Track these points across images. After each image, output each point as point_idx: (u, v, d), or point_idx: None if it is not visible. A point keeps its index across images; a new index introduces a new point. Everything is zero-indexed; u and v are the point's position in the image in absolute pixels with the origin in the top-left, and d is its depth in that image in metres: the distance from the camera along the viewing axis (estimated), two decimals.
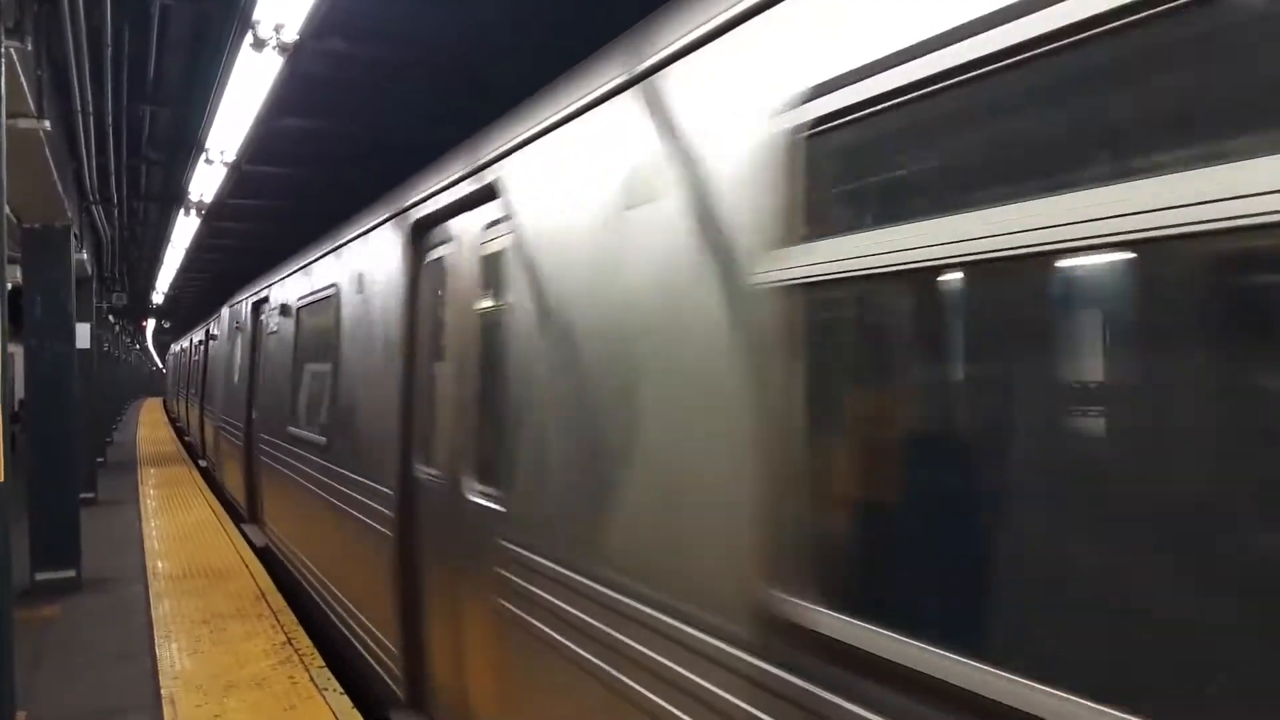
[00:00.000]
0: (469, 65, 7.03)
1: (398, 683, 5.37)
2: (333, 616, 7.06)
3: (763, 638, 2.28)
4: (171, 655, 6.81)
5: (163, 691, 6.06)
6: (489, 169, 4.29)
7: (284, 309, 9.61)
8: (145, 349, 64.07)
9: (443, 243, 5.07)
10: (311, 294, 8.24)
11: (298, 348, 8.84)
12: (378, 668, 5.80)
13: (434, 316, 5.23)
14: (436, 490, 4.93)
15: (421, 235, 5.35)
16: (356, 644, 6.33)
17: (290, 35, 4.98)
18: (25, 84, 5.38)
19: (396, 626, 5.37)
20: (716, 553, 2.48)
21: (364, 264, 6.48)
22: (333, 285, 7.37)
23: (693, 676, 2.55)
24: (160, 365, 66.40)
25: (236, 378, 13.08)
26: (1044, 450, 1.88)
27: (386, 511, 5.50)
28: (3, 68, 4.22)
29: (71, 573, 9.04)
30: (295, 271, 9.27)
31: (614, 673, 2.99)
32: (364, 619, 6.15)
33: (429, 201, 5.14)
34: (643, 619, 2.81)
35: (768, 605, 2.25)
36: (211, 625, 7.55)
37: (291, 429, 8.63)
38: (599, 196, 3.24)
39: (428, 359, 5.25)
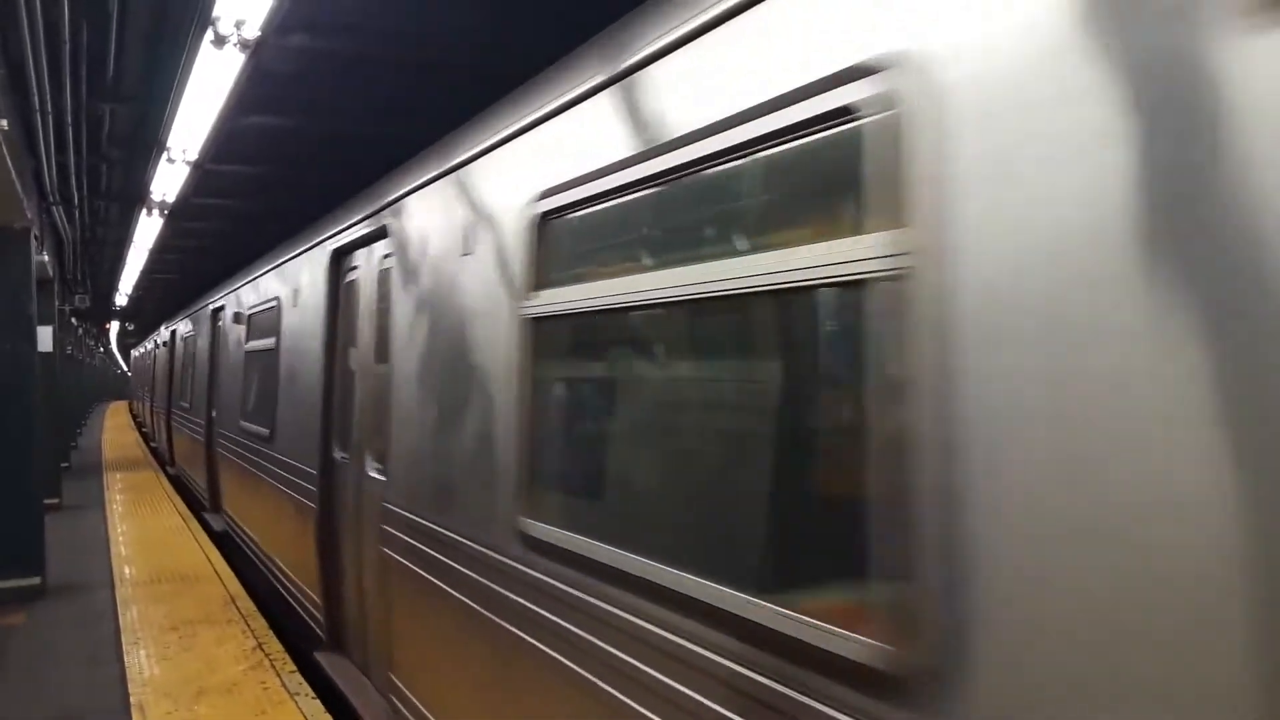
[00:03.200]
0: (434, 59, 6.94)
1: (321, 628, 6.66)
2: (275, 583, 8.36)
3: (519, 547, 3.56)
4: (140, 662, 6.71)
5: (132, 699, 5.97)
6: (380, 214, 5.62)
7: (237, 317, 10.78)
8: (109, 352, 63.23)
9: (354, 268, 6.39)
10: (259, 305, 9.52)
11: (248, 352, 10.01)
12: (307, 619, 7.09)
13: (347, 327, 6.50)
14: (347, 469, 6.29)
15: (339, 261, 6.67)
16: (293, 602, 7.61)
17: (252, 32, 4.90)
18: None
19: (319, 582, 6.63)
20: (494, 497, 3.81)
21: (300, 281, 7.73)
22: (276, 298, 8.64)
23: (484, 581, 3.87)
24: (125, 368, 65.52)
25: (198, 379, 14.30)
26: (659, 423, 3.10)
27: (312, 488, 6.82)
28: None
29: (36, 579, 8.88)
30: (246, 284, 10.51)
31: (444, 587, 4.29)
32: (298, 580, 7.43)
33: (344, 234, 6.43)
34: (458, 545, 4.15)
35: (521, 527, 3.53)
36: (181, 631, 7.45)
37: (243, 423, 9.82)
38: (444, 244, 4.53)
39: (343, 362, 6.58)
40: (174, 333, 19.33)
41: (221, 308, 12.23)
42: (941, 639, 1.77)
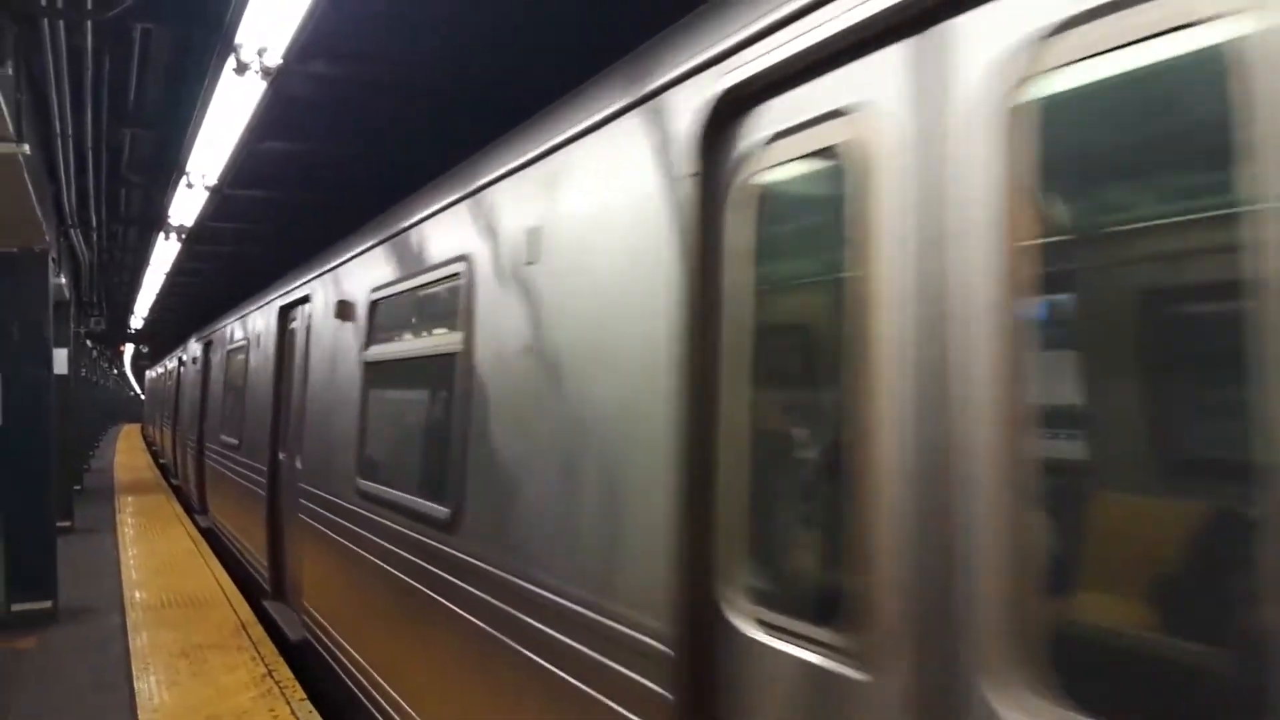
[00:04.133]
0: (451, 86, 7.00)
1: (268, 583, 8.89)
2: (242, 558, 10.52)
3: (356, 496, 5.80)
4: (150, 687, 6.68)
5: None
6: (307, 284, 7.86)
7: (221, 350, 13.33)
8: (123, 374, 63.49)
9: (292, 321, 8.61)
10: (234, 343, 12.01)
11: (227, 379, 12.50)
12: (259, 578, 9.32)
13: (288, 364, 8.58)
14: (286, 464, 8.42)
15: (284, 314, 8.83)
16: (252, 568, 9.82)
17: (274, 59, 4.93)
18: (4, 108, 5.30)
19: (266, 549, 8.95)
20: (349, 469, 6.03)
21: (259, 328, 10.11)
22: (245, 339, 11.07)
23: (339, 519, 6.20)
24: (139, 391, 65.74)
25: (193, 400, 16.42)
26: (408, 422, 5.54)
27: (263, 480, 9.07)
28: None
29: (48, 603, 8.86)
30: (226, 325, 13.10)
31: (327, 532, 6.52)
32: (254, 551, 9.75)
33: (285, 297, 8.72)
34: (330, 501, 6.49)
35: (357, 484, 5.85)
36: (191, 657, 7.41)
37: (222, 436, 12.27)
38: (334, 311, 6.64)
39: (285, 388, 8.61)
40: (179, 358, 20.72)
41: (210, 342, 14.73)
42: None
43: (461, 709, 4.13)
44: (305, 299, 7.89)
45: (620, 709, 2.86)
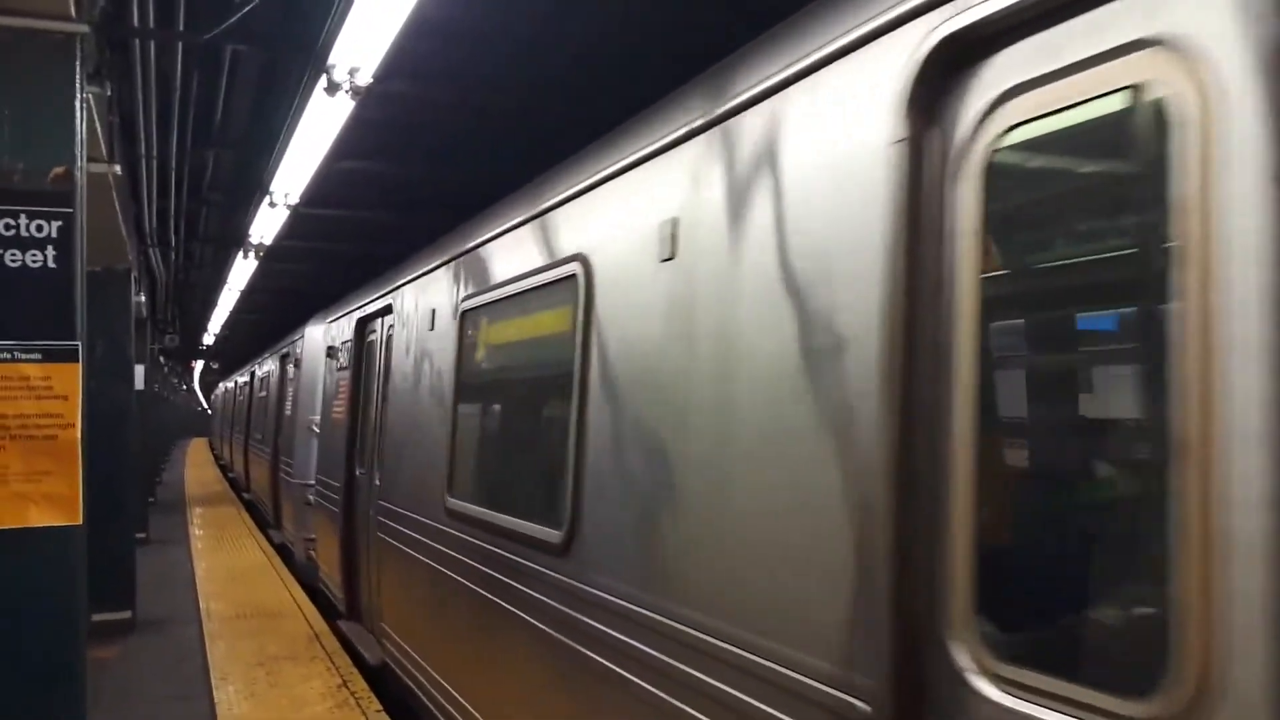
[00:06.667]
0: (527, 109, 7.06)
1: (341, 603, 8.68)
2: (319, 574, 10.20)
3: (444, 515, 5.46)
4: (229, 698, 6.77)
5: None
6: (387, 296, 7.68)
7: (296, 362, 13.27)
8: (192, 389, 64.87)
9: (371, 334, 8.40)
10: (308, 358, 12.18)
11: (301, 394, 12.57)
12: (331, 596, 9.24)
13: (368, 375, 8.38)
14: (363, 481, 8.20)
15: (362, 327, 8.69)
16: (325, 584, 9.66)
17: (364, 79, 5.01)
18: (99, 128, 5.45)
19: (340, 567, 8.65)
20: (435, 487, 5.63)
21: (336, 339, 9.95)
22: (320, 354, 11.09)
23: (424, 539, 5.90)
24: (206, 406, 67.16)
25: (269, 414, 16.36)
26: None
27: (337, 497, 8.82)
28: (83, 113, 4.25)
29: (127, 614, 9.05)
30: (299, 340, 13.22)
31: (405, 550, 6.42)
32: (326, 568, 9.59)
33: (365, 308, 8.55)
34: (412, 519, 6.26)
35: (445, 502, 5.41)
36: (267, 667, 7.51)
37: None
38: (420, 322, 6.57)
39: (362, 402, 8.53)
40: (250, 375, 21.33)
41: (287, 354, 14.80)
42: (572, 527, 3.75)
43: None
44: (386, 310, 7.70)
45: None
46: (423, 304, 6.55)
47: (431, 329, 6.17)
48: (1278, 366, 1.48)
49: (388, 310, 7.70)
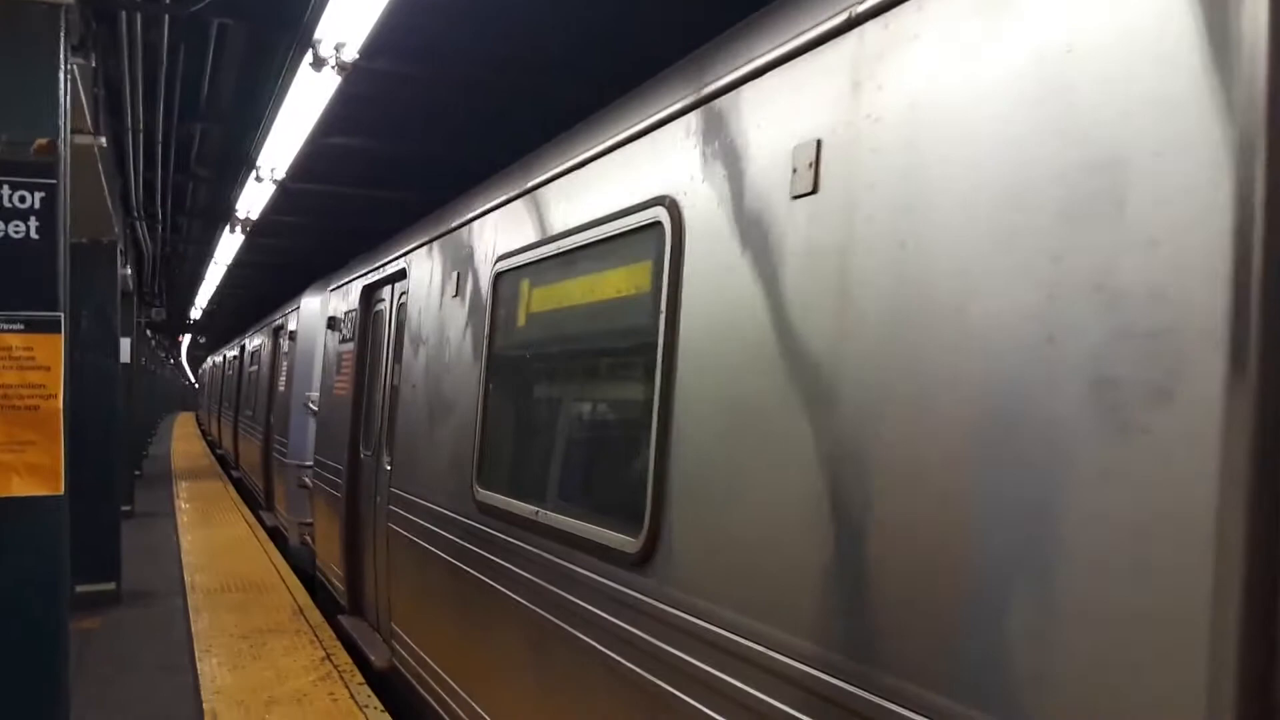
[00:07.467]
0: (514, 84, 7.06)
1: (343, 596, 7.95)
2: (315, 562, 9.44)
3: (472, 507, 4.75)
4: (212, 669, 6.83)
5: (205, 706, 6.06)
6: (399, 260, 6.86)
7: (292, 335, 12.44)
8: (179, 364, 64.72)
9: (379, 303, 7.64)
10: (304, 329, 11.56)
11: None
12: (330, 587, 8.50)
13: (376, 348, 7.57)
14: (368, 464, 7.45)
15: (369, 295, 7.89)
16: (323, 573, 8.98)
17: (350, 54, 5.02)
18: (84, 100, 5.45)
19: (343, 557, 7.87)
20: (461, 475, 4.96)
21: (339, 310, 8.99)
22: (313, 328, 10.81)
23: (447, 535, 5.19)
24: (194, 380, 67.03)
25: (260, 389, 15.66)
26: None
27: (339, 481, 7.99)
28: (67, 85, 4.26)
29: (111, 585, 9.09)
30: (292, 310, 12.62)
31: (422, 544, 5.68)
32: (324, 556, 8.84)
33: (372, 274, 7.71)
34: (429, 510, 5.57)
35: (474, 493, 4.72)
36: (251, 640, 7.56)
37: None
38: (439, 287, 5.78)
39: (368, 377, 7.74)
40: (240, 348, 20.46)
41: (281, 325, 13.88)
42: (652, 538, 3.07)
43: None
44: (399, 275, 6.81)
45: None
46: (444, 267, 5.74)
47: (456, 294, 5.37)
48: None
49: (400, 275, 6.80)
